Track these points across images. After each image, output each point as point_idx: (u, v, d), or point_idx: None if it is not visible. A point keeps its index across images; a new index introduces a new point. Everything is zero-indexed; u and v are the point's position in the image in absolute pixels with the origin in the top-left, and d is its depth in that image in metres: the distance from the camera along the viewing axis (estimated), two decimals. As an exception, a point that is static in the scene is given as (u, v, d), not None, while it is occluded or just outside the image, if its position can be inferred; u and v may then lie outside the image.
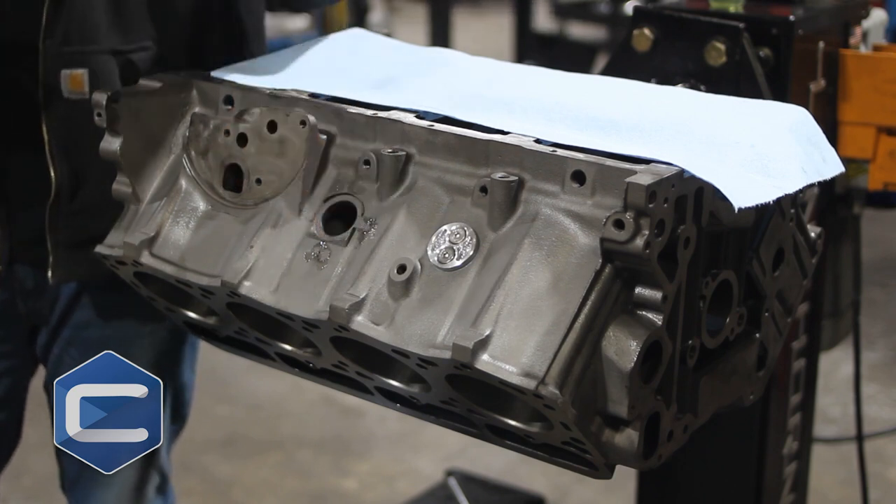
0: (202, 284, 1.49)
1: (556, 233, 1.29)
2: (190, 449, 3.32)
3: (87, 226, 1.65)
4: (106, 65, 1.63)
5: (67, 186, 1.65)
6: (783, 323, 1.55)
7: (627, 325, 1.27)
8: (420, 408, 1.48)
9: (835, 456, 3.38)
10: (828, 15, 1.92)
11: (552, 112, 1.45)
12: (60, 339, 1.81)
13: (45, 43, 1.59)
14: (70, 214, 1.67)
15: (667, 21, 1.84)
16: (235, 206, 1.52)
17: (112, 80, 1.62)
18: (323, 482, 3.43)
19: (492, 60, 1.68)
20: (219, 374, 3.88)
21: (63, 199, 1.66)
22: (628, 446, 1.31)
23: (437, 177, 1.40)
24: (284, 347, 1.55)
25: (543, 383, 1.23)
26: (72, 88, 1.61)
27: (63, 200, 1.66)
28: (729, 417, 1.56)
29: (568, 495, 3.33)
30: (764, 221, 1.45)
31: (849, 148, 1.94)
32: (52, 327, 1.81)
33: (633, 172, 1.25)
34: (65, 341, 1.81)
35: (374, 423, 3.72)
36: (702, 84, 1.79)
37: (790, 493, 2.13)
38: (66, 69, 1.61)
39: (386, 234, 1.39)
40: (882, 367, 4.11)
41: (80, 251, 1.65)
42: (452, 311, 1.31)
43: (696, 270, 1.34)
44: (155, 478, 1.91)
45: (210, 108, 1.57)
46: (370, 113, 1.46)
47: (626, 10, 2.15)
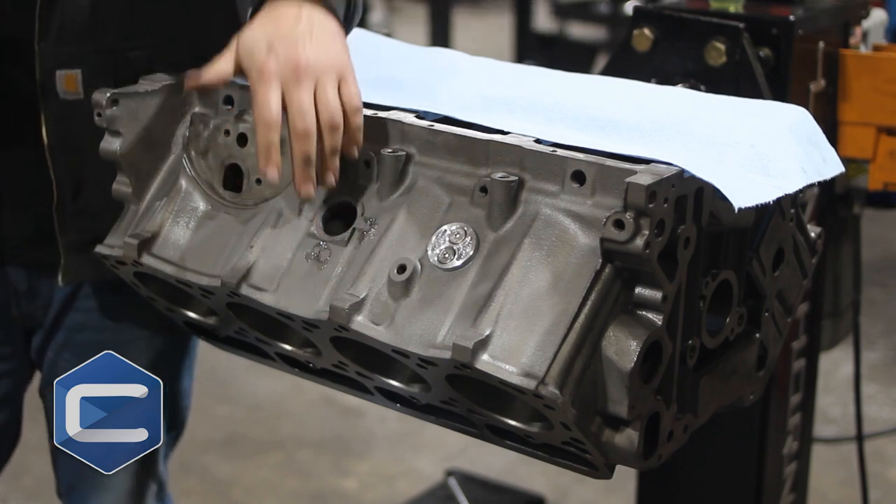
0: (202, 284, 1.49)
1: (556, 233, 1.29)
2: (190, 449, 3.32)
3: (91, 227, 1.65)
4: (101, 65, 1.61)
5: (69, 187, 1.65)
6: (783, 323, 1.55)
7: (627, 325, 1.27)
8: (420, 408, 1.48)
9: (835, 456, 3.38)
10: (828, 15, 1.92)
11: (552, 112, 1.45)
12: (54, 343, 1.80)
13: (39, 44, 1.58)
14: (74, 215, 1.66)
15: (667, 21, 1.84)
16: (235, 206, 1.52)
17: (107, 80, 1.60)
18: (323, 482, 3.43)
19: (492, 60, 1.68)
20: (219, 374, 3.88)
21: (66, 200, 1.66)
22: (628, 446, 1.31)
23: (437, 177, 1.40)
24: (284, 347, 1.55)
25: (543, 383, 1.23)
26: (66, 89, 1.60)
27: (66, 202, 1.66)
28: (729, 417, 1.56)
29: (568, 495, 3.33)
30: (764, 221, 1.45)
31: (849, 148, 1.94)
32: (46, 330, 1.80)
33: (633, 172, 1.25)
34: (59, 345, 1.80)
35: (374, 423, 3.72)
36: (702, 84, 1.80)
37: (790, 493, 2.13)
38: (61, 70, 1.60)
39: (386, 234, 1.39)
40: (882, 367, 4.11)
41: (87, 253, 1.65)
42: (452, 311, 1.31)
43: (696, 270, 1.34)
44: (153, 485, 1.90)
45: (210, 108, 1.57)
46: (370, 113, 1.46)
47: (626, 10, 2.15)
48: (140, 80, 1.59)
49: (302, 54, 1.38)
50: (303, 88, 1.37)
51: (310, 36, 1.40)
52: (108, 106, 1.54)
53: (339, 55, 1.41)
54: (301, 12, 1.41)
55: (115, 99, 1.54)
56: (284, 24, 1.40)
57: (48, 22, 1.58)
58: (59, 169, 1.64)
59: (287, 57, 1.37)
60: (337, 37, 1.43)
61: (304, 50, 1.38)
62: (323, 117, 1.38)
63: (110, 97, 1.54)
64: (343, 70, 1.41)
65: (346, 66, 1.41)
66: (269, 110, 1.36)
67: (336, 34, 1.43)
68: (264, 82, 1.37)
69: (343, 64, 1.41)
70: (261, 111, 1.37)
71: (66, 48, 1.60)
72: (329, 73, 1.39)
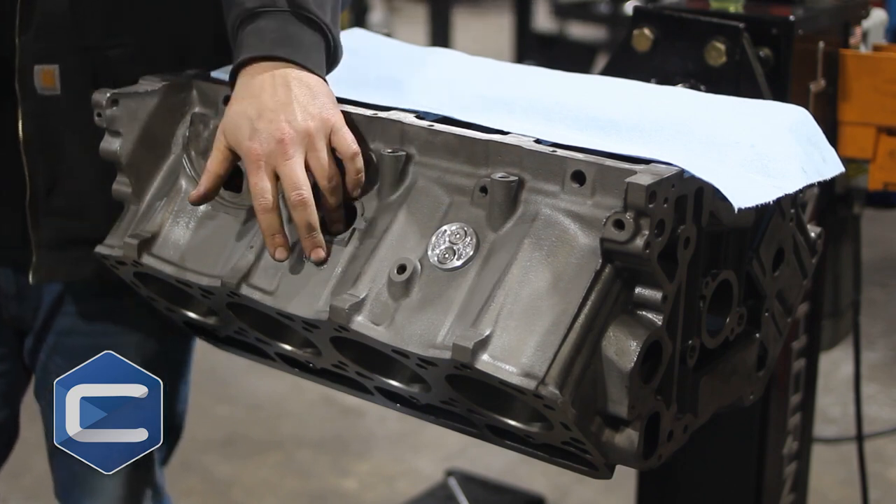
0: (202, 284, 1.49)
1: (556, 233, 1.29)
2: (190, 449, 3.32)
3: (66, 227, 1.63)
4: (79, 61, 1.60)
5: (42, 184, 1.63)
6: (783, 323, 1.55)
7: (627, 325, 1.27)
8: (420, 408, 1.48)
9: (835, 456, 3.38)
10: (828, 15, 1.92)
11: (552, 112, 1.45)
12: (45, 346, 1.79)
13: (20, 38, 1.58)
14: (48, 214, 1.65)
15: (667, 21, 1.84)
16: (235, 206, 1.52)
17: (85, 77, 1.60)
18: (323, 482, 3.43)
19: (492, 60, 1.68)
20: (219, 374, 3.88)
21: (39, 197, 1.64)
22: (628, 446, 1.31)
23: (437, 177, 1.40)
24: (284, 347, 1.55)
25: (543, 383, 1.23)
26: (44, 85, 1.60)
27: (39, 198, 1.64)
28: (729, 417, 1.56)
29: (568, 495, 3.33)
30: (764, 221, 1.45)
31: (849, 148, 1.94)
32: (37, 333, 1.79)
33: (633, 172, 1.25)
34: (49, 348, 1.79)
35: (374, 423, 3.72)
36: (702, 84, 1.80)
37: (790, 493, 2.13)
38: (39, 65, 1.59)
39: (386, 234, 1.39)
40: (882, 367, 4.11)
41: (61, 252, 1.64)
42: (452, 311, 1.31)
43: (696, 270, 1.34)
44: (148, 490, 1.88)
45: (210, 108, 1.57)
46: (370, 113, 1.46)
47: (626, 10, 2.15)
48: (140, 80, 1.59)
49: (286, 127, 1.37)
50: (292, 161, 1.36)
51: (290, 103, 1.38)
52: (108, 106, 1.54)
53: (322, 111, 1.39)
54: (275, 79, 1.40)
55: (115, 99, 1.54)
56: (263, 97, 1.39)
57: (28, 16, 1.57)
58: (33, 165, 1.63)
59: (270, 134, 1.37)
60: (318, 91, 1.41)
61: (287, 121, 1.37)
62: (320, 181, 1.39)
63: (110, 97, 1.54)
64: (331, 124, 1.40)
65: (333, 119, 1.40)
66: (264, 198, 1.37)
67: (315, 88, 1.41)
68: (253, 168, 1.38)
69: (329, 118, 1.40)
70: (257, 199, 1.38)
71: (44, 43, 1.59)
72: (317, 134, 1.38)
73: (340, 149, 1.40)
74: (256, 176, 1.38)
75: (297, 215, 1.37)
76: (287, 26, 1.43)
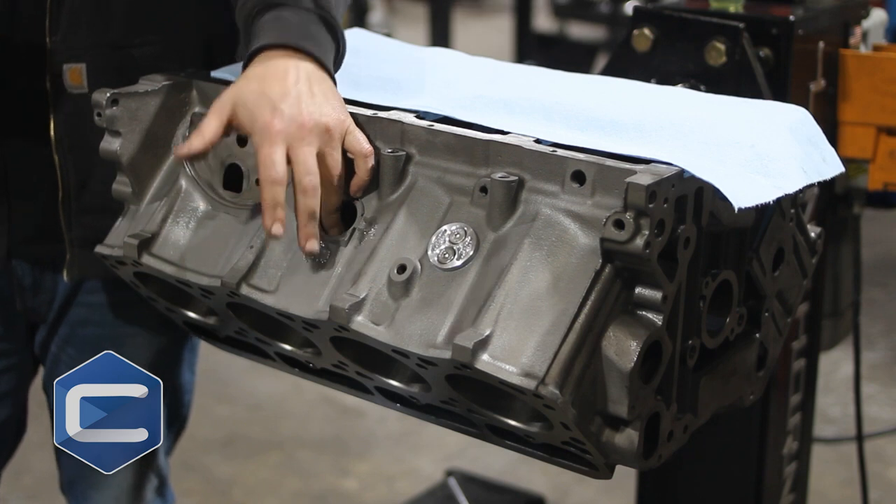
0: (202, 284, 1.49)
1: (556, 233, 1.29)
2: (190, 449, 3.32)
3: (96, 224, 1.65)
4: (105, 59, 1.63)
5: (74, 183, 1.66)
6: (783, 323, 1.55)
7: (627, 325, 1.27)
8: (420, 408, 1.48)
9: (835, 456, 3.38)
10: (828, 15, 1.92)
11: (552, 112, 1.45)
12: (58, 338, 1.81)
13: (50, 38, 1.60)
14: (80, 212, 1.68)
15: (667, 21, 1.84)
16: (235, 206, 1.52)
17: (111, 75, 1.61)
18: (323, 482, 3.43)
19: (492, 60, 1.68)
20: (219, 374, 3.88)
21: (71, 195, 1.66)
22: (628, 446, 1.31)
23: (437, 177, 1.40)
24: (284, 347, 1.55)
25: (543, 383, 1.23)
26: (72, 83, 1.62)
27: (71, 197, 1.66)
28: (729, 417, 1.56)
29: (568, 495, 3.33)
30: (764, 221, 1.45)
31: (849, 148, 1.94)
32: (50, 325, 1.81)
33: (633, 172, 1.26)
34: (62, 339, 1.81)
35: (374, 423, 3.72)
36: (702, 84, 1.80)
37: (790, 493, 2.13)
38: (67, 64, 1.62)
39: (386, 234, 1.39)
40: (882, 367, 4.11)
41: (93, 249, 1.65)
42: (452, 311, 1.31)
43: (696, 270, 1.34)
44: (153, 480, 1.90)
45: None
46: (370, 113, 1.46)
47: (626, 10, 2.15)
48: (140, 80, 1.59)
49: (306, 113, 1.38)
50: (309, 147, 1.37)
51: (310, 95, 1.39)
52: (108, 106, 1.54)
53: (337, 112, 1.41)
54: (298, 70, 1.41)
55: (115, 99, 1.54)
56: (287, 82, 1.40)
57: (58, 16, 1.60)
58: (65, 164, 1.65)
59: (293, 117, 1.37)
60: (333, 93, 1.43)
61: (309, 112, 1.38)
62: (328, 177, 1.39)
63: (110, 97, 1.54)
64: (346, 125, 1.42)
65: (346, 121, 1.42)
66: (275, 169, 1.36)
67: (332, 90, 1.43)
68: (270, 141, 1.37)
69: (343, 120, 1.41)
70: (267, 169, 1.37)
71: (72, 42, 1.61)
72: (335, 132, 1.40)
73: (354, 149, 1.41)
74: (270, 148, 1.37)
75: (302, 201, 1.37)
76: (309, 24, 1.44)
